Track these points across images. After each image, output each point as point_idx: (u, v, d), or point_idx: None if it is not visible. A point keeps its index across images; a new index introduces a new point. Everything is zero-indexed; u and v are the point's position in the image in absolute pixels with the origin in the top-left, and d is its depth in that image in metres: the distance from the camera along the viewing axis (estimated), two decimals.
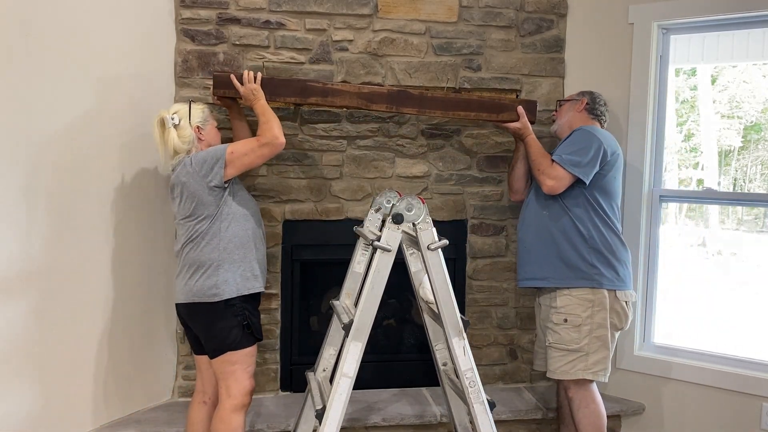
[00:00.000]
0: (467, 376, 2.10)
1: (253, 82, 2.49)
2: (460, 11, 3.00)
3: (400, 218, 2.06)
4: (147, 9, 2.71)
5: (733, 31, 2.86)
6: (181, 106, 2.38)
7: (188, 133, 2.33)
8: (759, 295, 4.21)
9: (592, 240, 2.52)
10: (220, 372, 2.31)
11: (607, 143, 2.51)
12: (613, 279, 2.53)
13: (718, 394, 2.82)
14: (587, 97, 2.69)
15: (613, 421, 2.99)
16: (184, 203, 2.29)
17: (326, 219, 3.00)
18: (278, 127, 2.34)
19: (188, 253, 2.30)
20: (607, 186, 2.54)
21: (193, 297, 2.28)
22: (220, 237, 2.29)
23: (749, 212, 4.67)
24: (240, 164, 2.28)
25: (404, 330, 3.32)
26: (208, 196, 2.26)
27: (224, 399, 2.30)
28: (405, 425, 2.80)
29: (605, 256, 2.52)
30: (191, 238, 2.29)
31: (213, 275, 2.26)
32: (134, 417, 2.74)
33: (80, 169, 2.50)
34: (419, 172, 3.05)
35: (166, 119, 2.31)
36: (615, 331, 2.58)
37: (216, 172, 2.25)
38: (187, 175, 2.27)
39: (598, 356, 2.52)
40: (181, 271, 2.33)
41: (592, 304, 2.51)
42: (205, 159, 2.27)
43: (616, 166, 2.55)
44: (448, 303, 2.09)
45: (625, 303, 2.56)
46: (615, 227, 2.57)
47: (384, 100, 2.65)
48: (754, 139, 4.28)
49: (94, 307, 2.60)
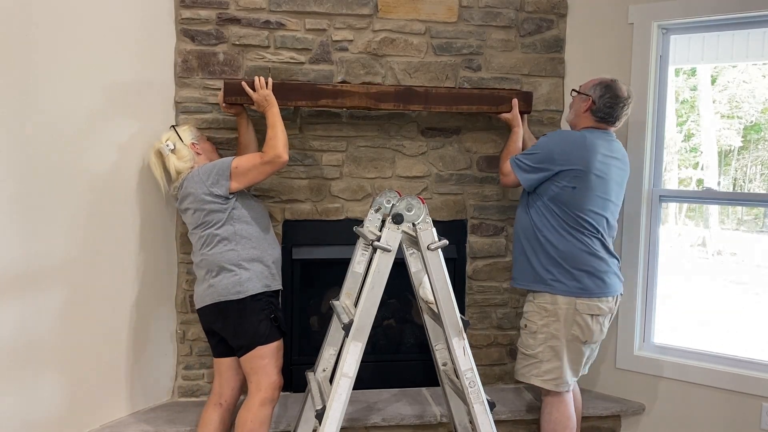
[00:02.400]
0: (467, 376, 2.11)
1: (265, 88, 2.55)
2: (460, 11, 3.00)
3: (400, 218, 2.06)
4: (147, 9, 2.71)
5: (733, 31, 2.86)
6: (168, 133, 2.52)
7: (186, 153, 2.47)
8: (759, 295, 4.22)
9: (548, 246, 2.50)
10: (250, 368, 2.36)
11: (565, 156, 2.45)
12: (573, 288, 2.47)
13: (718, 394, 2.82)
14: (595, 95, 2.54)
15: (613, 421, 2.99)
16: (195, 213, 2.39)
17: (326, 219, 3.00)
18: (283, 143, 2.40)
19: (206, 257, 2.38)
20: (564, 196, 2.46)
21: (219, 297, 2.34)
22: (235, 239, 2.37)
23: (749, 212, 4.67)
24: (244, 179, 2.37)
25: (404, 330, 3.32)
26: (215, 203, 2.35)
27: (254, 393, 2.35)
28: (405, 425, 2.80)
29: (561, 264, 2.48)
30: (206, 243, 2.38)
31: (235, 274, 2.34)
32: (134, 417, 2.74)
33: (79, 169, 2.49)
34: (419, 172, 3.05)
35: (162, 148, 2.46)
36: (579, 343, 2.50)
37: (222, 184, 2.34)
38: (195, 185, 2.37)
39: (550, 366, 2.51)
40: (201, 276, 2.41)
41: (548, 313, 2.51)
42: (211, 170, 2.37)
43: (575, 178, 2.44)
44: (448, 303, 2.09)
45: (590, 316, 2.47)
46: (580, 237, 2.47)
47: (392, 99, 2.77)
48: (754, 139, 4.28)
49: (94, 307, 2.60)
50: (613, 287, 2.52)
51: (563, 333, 2.49)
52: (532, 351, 2.55)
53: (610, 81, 2.56)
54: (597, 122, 2.57)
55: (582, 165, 2.45)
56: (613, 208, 2.55)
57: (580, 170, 2.45)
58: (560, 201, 2.49)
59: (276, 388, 2.37)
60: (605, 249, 2.52)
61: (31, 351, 2.38)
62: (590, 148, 2.47)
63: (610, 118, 2.55)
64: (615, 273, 2.54)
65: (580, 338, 2.49)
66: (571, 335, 2.49)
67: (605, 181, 2.48)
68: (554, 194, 2.49)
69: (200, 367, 2.95)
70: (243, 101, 2.60)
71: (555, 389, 2.52)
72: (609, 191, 2.50)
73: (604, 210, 2.51)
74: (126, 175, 2.67)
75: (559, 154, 2.47)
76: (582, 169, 2.45)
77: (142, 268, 2.76)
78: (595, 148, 2.47)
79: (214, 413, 2.47)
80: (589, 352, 2.57)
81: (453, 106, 2.82)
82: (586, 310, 2.47)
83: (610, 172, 2.49)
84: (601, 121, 2.56)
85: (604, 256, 2.51)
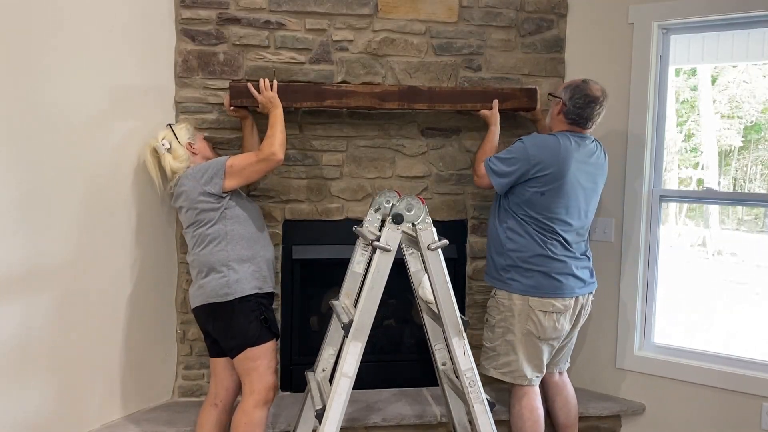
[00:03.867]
0: (467, 376, 2.11)
1: (269, 90, 2.56)
2: (460, 11, 3.00)
3: (400, 218, 2.06)
4: (147, 9, 2.71)
5: (733, 31, 2.86)
6: (165, 131, 2.50)
7: (182, 152, 2.46)
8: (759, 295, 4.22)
9: (508, 246, 2.55)
10: (243, 369, 2.34)
11: (537, 161, 2.46)
12: (527, 287, 2.51)
13: (718, 394, 2.82)
14: (566, 97, 2.54)
15: (613, 421, 2.99)
16: (188, 211, 2.39)
17: (326, 219, 3.00)
18: (280, 143, 2.41)
19: (197, 257, 2.37)
20: (532, 200, 2.49)
21: (208, 298, 2.34)
22: (226, 239, 2.35)
23: (749, 212, 4.67)
24: (239, 177, 2.37)
25: (404, 330, 3.32)
26: (208, 202, 2.34)
27: (247, 395, 2.34)
28: (405, 425, 2.80)
29: (518, 264, 2.52)
30: (198, 243, 2.37)
31: (224, 275, 2.32)
32: (134, 417, 2.74)
33: (80, 170, 2.49)
34: (419, 172, 3.05)
35: (158, 147, 2.46)
36: (534, 338, 2.53)
37: (215, 182, 2.33)
38: (188, 184, 2.36)
39: (506, 359, 2.57)
40: (194, 276, 2.41)
41: (504, 308, 2.57)
42: (206, 169, 2.36)
43: (546, 183, 2.46)
44: (448, 303, 2.09)
45: (543, 313, 2.50)
46: (539, 239, 2.50)
47: (396, 98, 2.79)
48: (754, 139, 4.28)
49: (94, 307, 2.60)
50: (570, 288, 2.53)
51: (518, 328, 2.54)
52: (491, 344, 2.63)
53: (580, 82, 2.54)
54: (570, 125, 2.56)
55: (554, 170, 2.46)
56: (581, 212, 2.55)
57: (551, 176, 2.46)
58: (526, 204, 2.51)
59: (270, 389, 2.35)
60: (566, 251, 2.53)
61: (29, 351, 2.38)
62: (564, 153, 2.47)
63: (581, 119, 2.53)
64: (574, 274, 2.54)
65: (534, 334, 2.53)
66: (526, 330, 2.53)
67: (575, 186, 2.50)
68: (523, 198, 2.52)
69: (200, 367, 2.95)
70: (248, 103, 2.61)
71: (513, 381, 2.59)
72: (578, 196, 2.52)
73: (568, 214, 2.52)
74: (126, 175, 2.67)
75: (533, 159, 2.47)
76: (554, 174, 2.46)
77: (142, 268, 2.76)
78: (569, 153, 2.47)
79: (211, 414, 2.46)
80: (549, 348, 2.58)
81: (457, 104, 2.83)
82: (539, 306, 2.51)
83: (581, 177, 2.51)
84: (573, 124, 2.55)
85: (564, 258, 2.52)
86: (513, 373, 2.58)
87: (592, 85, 2.52)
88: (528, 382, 2.58)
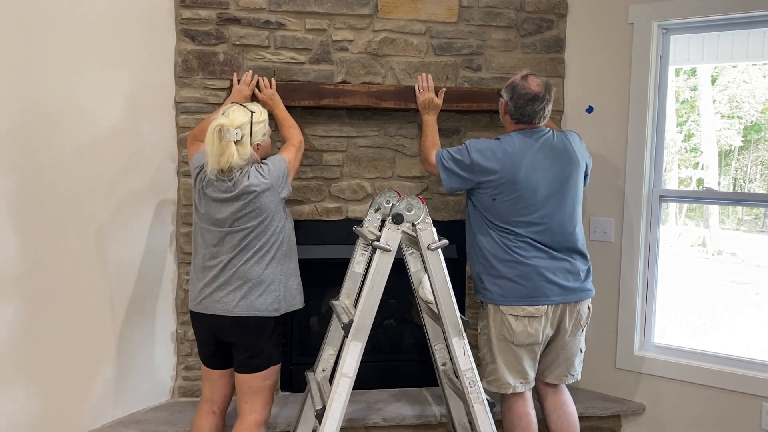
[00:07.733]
0: (467, 376, 2.11)
1: (269, 88, 2.64)
2: (460, 11, 3.00)
3: (400, 218, 2.06)
4: (147, 9, 2.71)
5: (733, 31, 2.86)
6: (243, 117, 2.17)
7: (248, 151, 2.18)
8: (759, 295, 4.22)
9: (479, 250, 2.49)
10: (256, 386, 2.24)
11: (482, 167, 2.39)
12: (497, 296, 2.43)
13: (718, 394, 2.82)
14: (506, 97, 2.47)
15: (613, 421, 2.99)
16: (250, 214, 2.18)
17: (326, 219, 3.00)
18: (299, 129, 2.52)
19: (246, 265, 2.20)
20: (491, 205, 2.42)
21: (255, 311, 2.19)
22: (282, 251, 2.27)
23: (749, 212, 4.67)
24: (294, 172, 2.36)
25: (404, 330, 3.32)
26: (278, 210, 2.25)
27: (247, 413, 2.25)
28: (405, 425, 2.80)
29: (489, 272, 2.45)
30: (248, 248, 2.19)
31: (277, 289, 2.24)
32: (134, 417, 2.74)
33: (80, 170, 2.50)
34: (419, 172, 3.05)
35: (229, 132, 2.10)
36: (508, 343, 2.43)
37: (287, 184, 2.29)
38: (263, 186, 2.18)
39: (490, 367, 2.51)
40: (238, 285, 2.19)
41: (483, 316, 2.55)
42: (278, 174, 2.23)
43: (496, 189, 2.39)
44: (448, 303, 2.09)
45: (513, 317, 2.40)
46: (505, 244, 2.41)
47: (392, 97, 2.83)
48: (754, 139, 4.28)
49: (95, 307, 2.60)
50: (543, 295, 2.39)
51: (494, 334, 2.47)
52: (480, 353, 2.58)
53: (519, 79, 2.44)
54: (517, 124, 2.48)
55: (501, 175, 2.38)
56: (552, 207, 2.41)
57: (498, 180, 2.38)
58: (486, 210, 2.45)
59: (270, 408, 2.32)
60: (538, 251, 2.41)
61: (30, 350, 2.38)
62: (513, 156, 2.38)
63: (525, 117, 2.44)
64: (548, 279, 2.40)
65: (508, 339, 2.43)
66: (501, 336, 2.45)
67: (533, 184, 2.38)
68: (483, 204, 2.45)
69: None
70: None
71: (497, 390, 2.48)
72: (540, 193, 2.39)
73: (534, 214, 2.40)
74: (126, 175, 2.67)
75: (477, 164, 2.40)
76: (502, 178, 2.38)
77: (143, 268, 2.76)
78: (515, 155, 2.38)
79: (209, 422, 2.37)
80: (530, 354, 2.45)
81: (454, 104, 2.86)
82: (509, 311, 2.41)
83: (540, 173, 2.39)
84: (520, 123, 2.47)
85: (534, 261, 2.39)
86: (496, 381, 2.47)
87: (532, 80, 2.42)
88: (513, 389, 2.46)
